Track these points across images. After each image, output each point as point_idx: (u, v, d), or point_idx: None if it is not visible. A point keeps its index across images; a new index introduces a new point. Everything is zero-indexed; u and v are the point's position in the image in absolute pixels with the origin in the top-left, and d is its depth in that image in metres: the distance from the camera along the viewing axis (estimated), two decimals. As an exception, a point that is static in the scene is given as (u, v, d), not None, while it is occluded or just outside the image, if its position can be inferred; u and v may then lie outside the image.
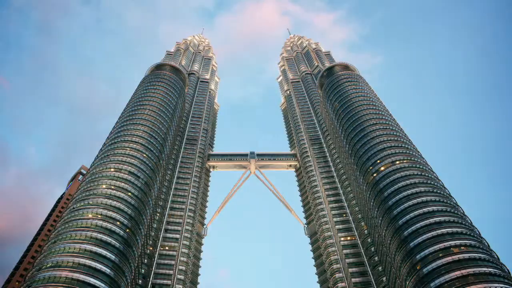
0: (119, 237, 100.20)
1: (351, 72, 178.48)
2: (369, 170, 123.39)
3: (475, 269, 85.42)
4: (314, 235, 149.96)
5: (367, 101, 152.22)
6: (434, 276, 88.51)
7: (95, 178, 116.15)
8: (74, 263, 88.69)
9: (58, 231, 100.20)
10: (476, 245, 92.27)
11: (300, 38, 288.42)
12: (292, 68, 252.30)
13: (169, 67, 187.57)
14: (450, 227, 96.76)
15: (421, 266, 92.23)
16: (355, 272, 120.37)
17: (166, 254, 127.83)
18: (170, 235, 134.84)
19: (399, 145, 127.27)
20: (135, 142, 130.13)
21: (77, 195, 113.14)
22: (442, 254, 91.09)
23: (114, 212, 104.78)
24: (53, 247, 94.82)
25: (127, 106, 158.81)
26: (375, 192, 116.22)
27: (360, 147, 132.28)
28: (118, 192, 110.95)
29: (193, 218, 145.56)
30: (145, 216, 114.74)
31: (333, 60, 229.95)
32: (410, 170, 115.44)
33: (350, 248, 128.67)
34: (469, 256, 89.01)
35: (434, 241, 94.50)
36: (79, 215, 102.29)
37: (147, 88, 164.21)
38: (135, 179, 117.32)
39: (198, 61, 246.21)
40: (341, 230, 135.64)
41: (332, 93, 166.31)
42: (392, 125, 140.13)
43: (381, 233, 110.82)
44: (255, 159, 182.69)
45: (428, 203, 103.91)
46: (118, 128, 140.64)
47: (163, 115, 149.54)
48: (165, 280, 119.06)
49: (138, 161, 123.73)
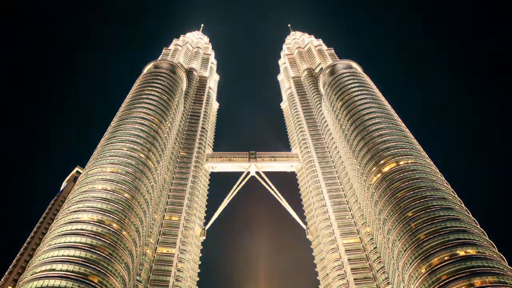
0: (113, 241, 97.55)
1: (354, 70, 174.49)
2: (373, 171, 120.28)
3: (484, 278, 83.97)
4: (316, 238, 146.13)
5: (370, 100, 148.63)
6: (440, 283, 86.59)
7: (91, 180, 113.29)
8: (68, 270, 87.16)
9: (52, 234, 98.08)
10: (486, 254, 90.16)
11: (302, 35, 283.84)
12: (294, 66, 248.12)
13: (167, 65, 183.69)
14: (457, 231, 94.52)
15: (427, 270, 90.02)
16: (358, 278, 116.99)
17: (163, 259, 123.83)
18: (167, 239, 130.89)
19: (404, 145, 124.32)
20: (132, 142, 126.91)
21: (72, 197, 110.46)
22: (450, 259, 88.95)
23: (110, 214, 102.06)
24: (46, 251, 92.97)
25: (124, 105, 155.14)
26: (380, 194, 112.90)
27: (363, 147, 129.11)
28: (114, 193, 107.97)
29: (191, 220, 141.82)
30: (143, 218, 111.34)
31: (336, 58, 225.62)
32: (415, 171, 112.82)
33: (353, 252, 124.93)
34: (477, 263, 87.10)
35: (442, 246, 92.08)
36: (74, 218, 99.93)
37: (144, 86, 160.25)
38: (132, 180, 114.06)
39: (196, 58, 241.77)
40: (344, 233, 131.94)
41: (334, 91, 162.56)
42: (396, 124, 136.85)
43: (385, 236, 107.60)
44: (255, 160, 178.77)
45: (435, 205, 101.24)
46: (114, 127, 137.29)
47: (160, 114, 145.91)
48: (162, 287, 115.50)
49: (135, 161, 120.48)
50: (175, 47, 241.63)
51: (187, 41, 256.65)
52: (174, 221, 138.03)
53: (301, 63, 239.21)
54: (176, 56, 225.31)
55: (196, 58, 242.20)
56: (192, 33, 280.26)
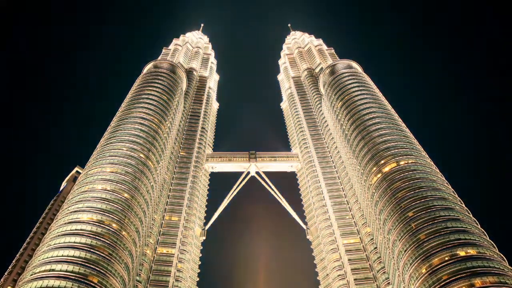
0: (112, 241, 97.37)
1: (354, 70, 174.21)
2: (373, 171, 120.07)
3: (484, 278, 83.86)
4: (316, 238, 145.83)
5: (370, 99, 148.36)
6: (441, 283, 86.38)
7: (90, 180, 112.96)
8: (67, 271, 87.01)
9: (51, 235, 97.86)
10: (486, 254, 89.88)
11: (302, 35, 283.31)
12: (294, 66, 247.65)
13: (167, 65, 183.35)
14: (458, 231, 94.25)
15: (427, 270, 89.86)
16: (358, 279, 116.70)
17: (163, 259, 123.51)
18: (167, 239, 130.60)
19: (404, 145, 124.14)
20: (131, 142, 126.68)
21: (72, 197, 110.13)
22: (451, 260, 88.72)
23: (109, 214, 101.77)
24: (45, 252, 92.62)
25: (123, 105, 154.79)
26: (380, 194, 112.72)
27: (363, 147, 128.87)
28: (114, 193, 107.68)
29: (190, 221, 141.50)
30: (142, 219, 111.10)
31: (336, 58, 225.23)
32: (415, 171, 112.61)
33: (353, 253, 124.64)
34: (478, 264, 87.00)
35: (442, 246, 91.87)
36: (74, 218, 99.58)
37: (144, 86, 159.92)
38: (132, 180, 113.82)
39: (196, 58, 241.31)
40: (344, 233, 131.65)
41: (334, 91, 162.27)
42: (396, 124, 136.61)
43: (386, 236, 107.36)
44: (255, 160, 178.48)
45: (436, 206, 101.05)
46: (114, 127, 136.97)
47: (160, 114, 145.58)
48: (162, 287, 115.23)
49: (135, 161, 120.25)
50: (175, 47, 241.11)
51: (187, 41, 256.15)
52: (174, 221, 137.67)
53: (301, 63, 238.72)
54: (176, 56, 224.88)
55: (196, 58, 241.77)
56: (192, 33, 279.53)
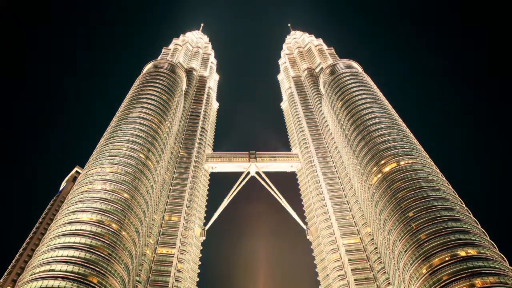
0: (112, 241, 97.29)
1: (354, 70, 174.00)
2: (373, 171, 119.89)
3: (484, 278, 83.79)
4: (316, 238, 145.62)
5: (371, 99, 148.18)
6: (441, 283, 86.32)
7: (90, 180, 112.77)
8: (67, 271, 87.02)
9: (51, 235, 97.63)
10: (487, 254, 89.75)
11: (302, 34, 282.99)
12: (294, 65, 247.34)
13: (166, 65, 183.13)
14: (458, 232, 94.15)
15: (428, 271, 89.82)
16: (358, 279, 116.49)
17: (162, 260, 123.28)
18: (167, 239, 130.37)
19: (404, 145, 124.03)
20: (131, 142, 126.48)
21: (72, 197, 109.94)
22: (451, 260, 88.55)
23: (109, 215, 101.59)
24: (45, 252, 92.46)
25: (123, 104, 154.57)
26: (380, 194, 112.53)
27: (363, 147, 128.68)
28: (114, 193, 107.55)
29: (190, 221, 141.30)
30: (142, 219, 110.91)
31: (336, 58, 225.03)
32: (415, 172, 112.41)
33: (353, 253, 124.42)
34: (478, 264, 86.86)
35: (443, 247, 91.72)
36: (74, 219, 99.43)
37: (144, 86, 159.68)
38: (131, 180, 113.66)
39: (196, 58, 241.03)
40: (344, 233, 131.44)
41: (335, 91, 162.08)
42: (396, 124, 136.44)
43: (386, 236, 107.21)
44: (255, 160, 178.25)
45: (436, 206, 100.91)
46: (114, 127, 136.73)
47: (160, 114, 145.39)
48: (161, 287, 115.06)
49: (135, 161, 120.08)
50: (175, 47, 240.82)
51: (187, 41, 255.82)
52: (173, 222, 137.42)
53: (301, 63, 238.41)
54: (176, 55, 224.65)
55: (196, 58, 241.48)
56: (192, 32, 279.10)
